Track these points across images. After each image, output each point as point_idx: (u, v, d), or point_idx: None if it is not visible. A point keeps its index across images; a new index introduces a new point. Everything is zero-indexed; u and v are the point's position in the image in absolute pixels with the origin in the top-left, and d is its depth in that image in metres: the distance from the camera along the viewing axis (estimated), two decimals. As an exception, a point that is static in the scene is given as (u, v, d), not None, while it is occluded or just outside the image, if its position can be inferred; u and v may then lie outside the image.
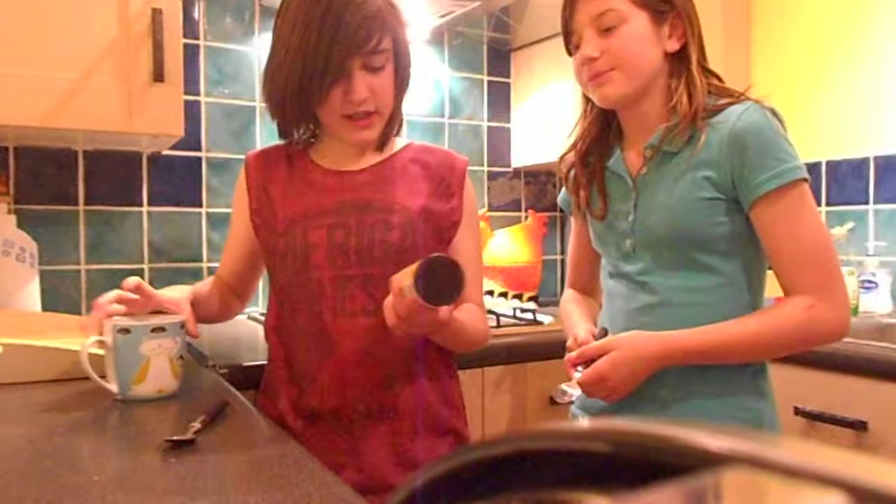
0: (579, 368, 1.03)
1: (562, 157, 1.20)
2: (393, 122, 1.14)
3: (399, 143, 1.17)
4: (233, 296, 1.24)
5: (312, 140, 1.17)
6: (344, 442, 1.06)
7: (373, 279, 1.05)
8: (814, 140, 2.03)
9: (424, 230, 1.09)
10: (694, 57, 1.05)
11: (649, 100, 1.07)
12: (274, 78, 1.06)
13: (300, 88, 1.03)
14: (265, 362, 1.19)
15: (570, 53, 1.10)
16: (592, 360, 1.02)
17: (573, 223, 1.26)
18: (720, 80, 1.08)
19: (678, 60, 1.05)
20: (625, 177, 1.09)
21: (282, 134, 1.14)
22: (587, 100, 1.13)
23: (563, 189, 1.25)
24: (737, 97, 1.03)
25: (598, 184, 1.13)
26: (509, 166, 2.38)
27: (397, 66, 1.08)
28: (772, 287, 1.05)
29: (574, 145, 1.17)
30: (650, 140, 1.06)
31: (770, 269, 1.04)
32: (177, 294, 1.10)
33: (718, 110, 1.01)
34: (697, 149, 1.00)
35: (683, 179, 1.02)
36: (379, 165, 1.13)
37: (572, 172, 1.17)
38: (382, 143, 1.14)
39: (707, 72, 1.07)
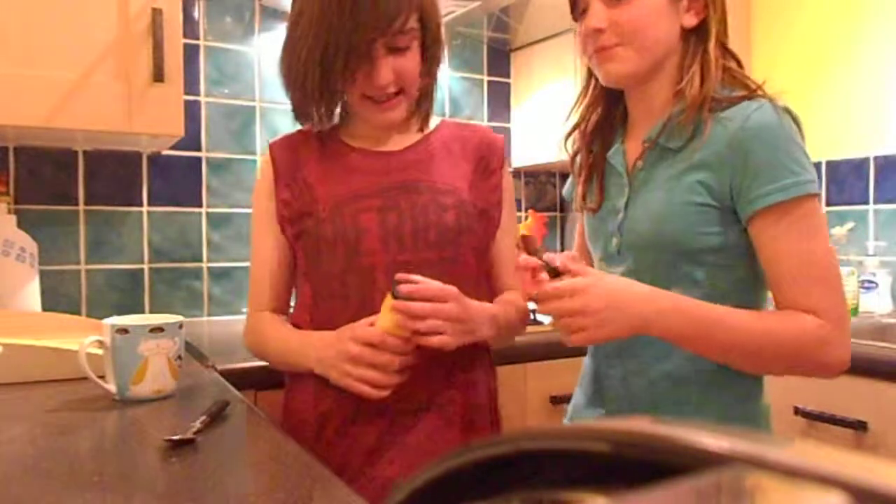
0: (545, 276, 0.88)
1: (566, 137, 1.09)
2: (428, 99, 1.09)
3: (435, 119, 1.14)
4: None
5: (334, 121, 1.10)
6: (385, 435, 1.01)
7: (427, 264, 1.01)
8: (814, 140, 2.01)
9: (474, 211, 1.06)
10: (713, 34, 0.92)
11: (659, 81, 0.95)
12: (294, 49, 1.00)
13: (322, 64, 0.97)
14: (265, 363, 1.19)
15: (575, 20, 0.98)
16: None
17: (578, 216, 1.16)
18: (740, 64, 0.95)
19: (696, 37, 0.93)
20: (621, 171, 0.99)
21: (299, 115, 1.07)
22: (590, 74, 1.03)
23: (570, 179, 1.15)
24: (752, 91, 0.90)
25: (597, 174, 1.03)
26: (509, 166, 2.38)
27: (425, 44, 1.02)
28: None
29: (577, 126, 1.07)
30: (650, 131, 0.96)
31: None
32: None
33: (730, 104, 0.89)
34: (698, 147, 0.89)
35: (678, 180, 0.91)
36: (420, 144, 1.09)
37: (578, 158, 1.07)
38: (423, 121, 1.10)
39: (727, 53, 0.95)
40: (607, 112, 1.04)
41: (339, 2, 0.94)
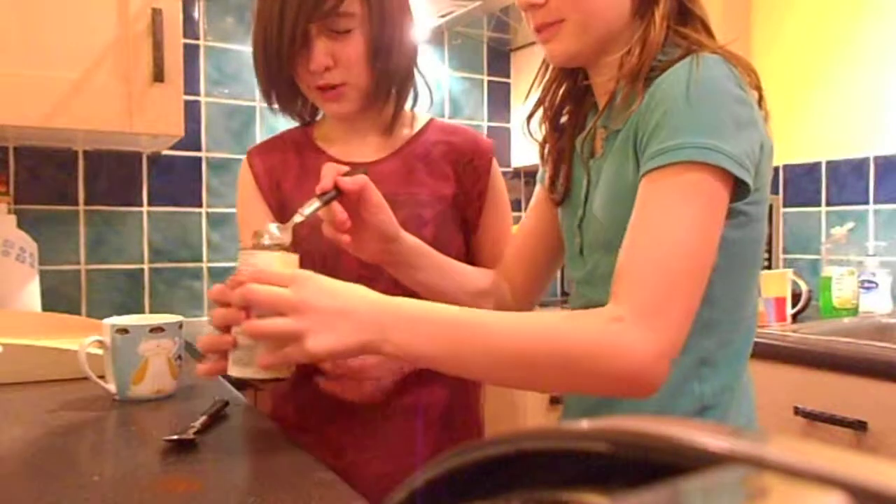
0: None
1: (529, 119, 0.94)
2: (397, 95, 1.01)
3: (421, 119, 1.07)
4: None
5: (312, 119, 1.07)
6: (364, 434, 0.98)
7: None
8: (814, 140, 2.03)
9: (455, 220, 1.01)
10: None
11: (613, 57, 0.79)
12: (252, 49, 0.98)
13: (264, 52, 0.94)
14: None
15: None
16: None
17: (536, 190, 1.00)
18: (708, 30, 0.79)
19: (647, 2, 0.78)
20: (582, 158, 0.87)
21: (281, 110, 1.04)
22: None
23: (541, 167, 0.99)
24: (686, 48, 0.74)
25: (564, 160, 0.89)
26: (509, 166, 2.38)
27: (372, 30, 0.94)
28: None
29: (540, 103, 0.93)
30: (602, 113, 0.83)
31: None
32: None
33: (665, 68, 0.73)
34: (631, 123, 0.75)
35: (618, 164, 0.78)
36: (401, 152, 1.02)
37: (547, 147, 0.93)
38: (390, 125, 1.02)
39: (687, 17, 0.79)
40: (571, 89, 0.91)
41: None
